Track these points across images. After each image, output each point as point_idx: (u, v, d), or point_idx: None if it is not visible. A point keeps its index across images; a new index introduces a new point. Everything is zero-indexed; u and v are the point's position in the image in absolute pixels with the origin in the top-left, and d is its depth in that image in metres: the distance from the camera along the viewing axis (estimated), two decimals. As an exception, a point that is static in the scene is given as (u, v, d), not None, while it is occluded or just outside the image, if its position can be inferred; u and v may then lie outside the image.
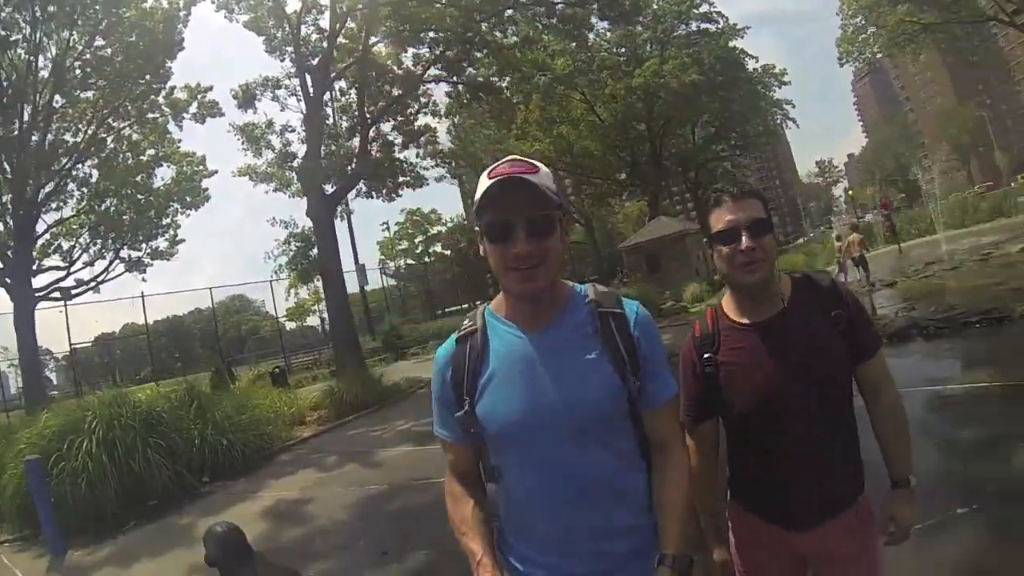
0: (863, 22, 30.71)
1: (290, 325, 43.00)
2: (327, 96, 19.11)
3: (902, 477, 1.87)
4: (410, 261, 64.76)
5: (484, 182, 1.49)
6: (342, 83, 19.99)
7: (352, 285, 30.57)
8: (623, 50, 35.65)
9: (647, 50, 35.26)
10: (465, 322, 1.66)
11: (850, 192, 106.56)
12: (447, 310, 51.36)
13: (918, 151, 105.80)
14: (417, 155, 22.89)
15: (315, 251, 17.21)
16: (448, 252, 63.27)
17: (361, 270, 34.40)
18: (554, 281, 1.54)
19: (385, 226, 64.32)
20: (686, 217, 47.68)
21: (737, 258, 1.77)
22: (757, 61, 39.09)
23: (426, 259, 63.69)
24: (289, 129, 19.91)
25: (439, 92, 22.37)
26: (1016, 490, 3.65)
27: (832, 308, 1.83)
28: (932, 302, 10.57)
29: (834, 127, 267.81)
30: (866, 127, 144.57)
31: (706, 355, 1.87)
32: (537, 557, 1.55)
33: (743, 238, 1.75)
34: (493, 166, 1.51)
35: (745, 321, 1.87)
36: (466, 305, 49.60)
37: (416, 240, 65.53)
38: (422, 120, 22.02)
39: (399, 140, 21.44)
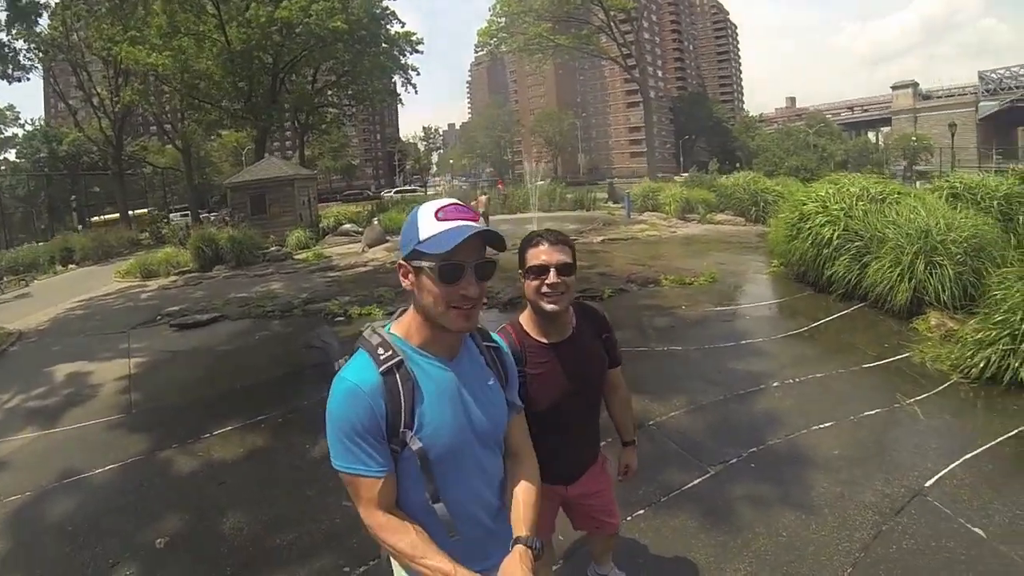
0: (505, 23, 34.53)
1: None
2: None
3: (630, 439, 2.90)
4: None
5: (435, 223, 1.59)
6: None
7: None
8: (275, -27, 33.13)
9: (300, -19, 33.28)
10: (379, 350, 1.64)
11: (451, 160, 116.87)
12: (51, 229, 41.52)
13: (515, 138, 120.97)
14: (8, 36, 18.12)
15: None
16: (20, 161, 52.83)
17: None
18: None
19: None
20: (283, 157, 46.55)
21: (544, 289, 2.27)
22: (403, 25, 40.01)
23: (-5, 168, 51.59)
24: None
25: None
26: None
27: (602, 332, 2.58)
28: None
29: (442, 95, 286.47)
30: (473, 106, 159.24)
31: (516, 369, 2.36)
32: (465, 564, 1.62)
33: (552, 273, 2.26)
34: (439, 207, 1.62)
35: (545, 341, 2.41)
36: (44, 226, 41.76)
37: (-16, 144, 52.82)
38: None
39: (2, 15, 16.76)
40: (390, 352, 1.63)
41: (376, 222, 22.38)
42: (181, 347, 9.49)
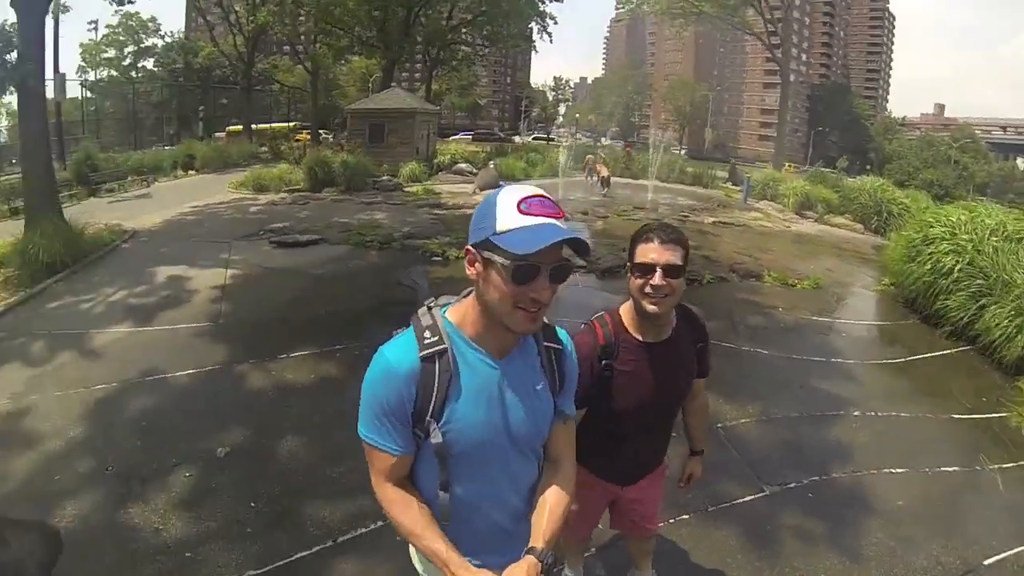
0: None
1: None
2: None
3: (700, 448, 2.82)
4: (113, 73, 54.65)
5: (517, 215, 1.47)
6: None
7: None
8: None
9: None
10: (426, 334, 1.58)
11: (576, 115, 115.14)
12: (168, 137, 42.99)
13: (645, 101, 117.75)
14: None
15: (14, 54, 11.74)
16: (157, 70, 54.48)
17: (61, 80, 26.40)
18: None
19: (93, 26, 53.86)
20: (410, 88, 46.49)
21: (647, 289, 2.14)
22: (545, -27, 38.83)
23: (133, 74, 53.92)
24: None
25: None
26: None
27: (699, 340, 2.46)
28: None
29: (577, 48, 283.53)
30: (607, 63, 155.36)
31: (605, 362, 2.28)
32: (477, 555, 1.61)
33: (658, 274, 2.11)
34: (522, 196, 1.49)
35: (640, 339, 2.31)
36: (172, 132, 43.80)
37: (126, 50, 55.71)
38: None
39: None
40: (436, 338, 1.57)
41: (492, 165, 22.28)
42: (277, 265, 9.89)
